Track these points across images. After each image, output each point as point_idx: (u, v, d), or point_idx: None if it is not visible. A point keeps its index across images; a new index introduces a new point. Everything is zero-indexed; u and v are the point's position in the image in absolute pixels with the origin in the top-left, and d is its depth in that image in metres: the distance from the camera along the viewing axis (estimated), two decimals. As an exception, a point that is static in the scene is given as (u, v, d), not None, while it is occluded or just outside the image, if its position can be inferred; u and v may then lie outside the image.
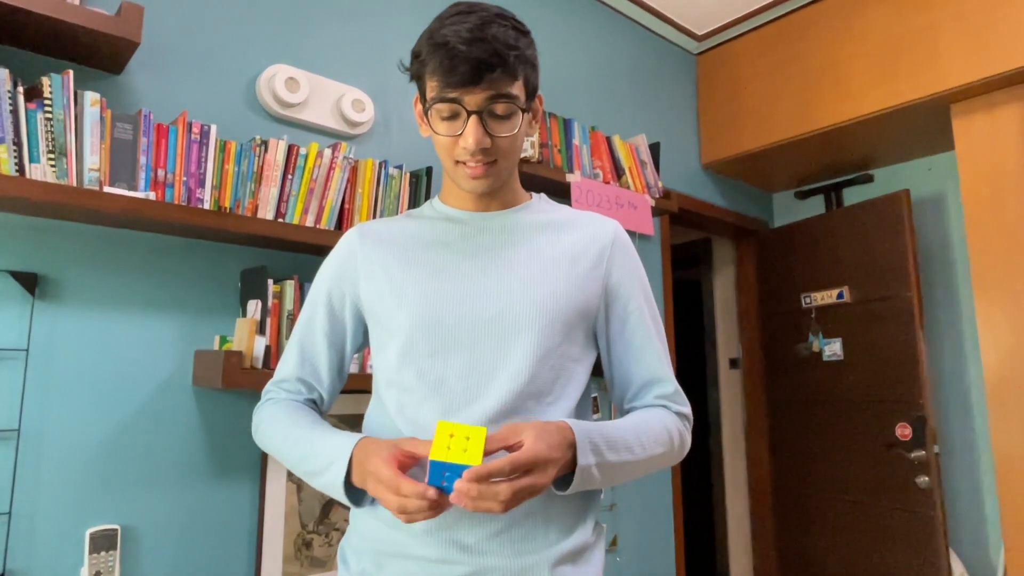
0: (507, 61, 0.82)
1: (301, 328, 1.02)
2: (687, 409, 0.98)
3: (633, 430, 0.88)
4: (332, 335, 1.01)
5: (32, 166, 1.22)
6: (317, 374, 1.01)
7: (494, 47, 0.81)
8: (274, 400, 1.00)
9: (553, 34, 2.47)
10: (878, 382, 2.69)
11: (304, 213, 1.57)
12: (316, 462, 0.87)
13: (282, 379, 1.02)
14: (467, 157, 0.87)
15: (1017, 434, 2.14)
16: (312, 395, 1.02)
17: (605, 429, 0.85)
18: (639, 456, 0.86)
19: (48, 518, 1.30)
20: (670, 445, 0.92)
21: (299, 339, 1.02)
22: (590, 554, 0.91)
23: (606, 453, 0.82)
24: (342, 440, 0.85)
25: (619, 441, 0.85)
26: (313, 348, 1.01)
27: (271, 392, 1.02)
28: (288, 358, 1.02)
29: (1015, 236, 2.20)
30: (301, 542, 1.59)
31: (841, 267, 2.87)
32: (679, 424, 0.95)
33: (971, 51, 2.23)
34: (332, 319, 1.00)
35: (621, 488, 2.41)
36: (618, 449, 0.84)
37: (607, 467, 0.83)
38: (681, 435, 0.95)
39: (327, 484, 0.85)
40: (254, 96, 1.67)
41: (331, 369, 1.02)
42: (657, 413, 0.94)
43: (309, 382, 1.01)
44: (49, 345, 1.33)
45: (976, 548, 2.65)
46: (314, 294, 1.02)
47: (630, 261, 0.99)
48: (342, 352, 1.02)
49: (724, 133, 2.97)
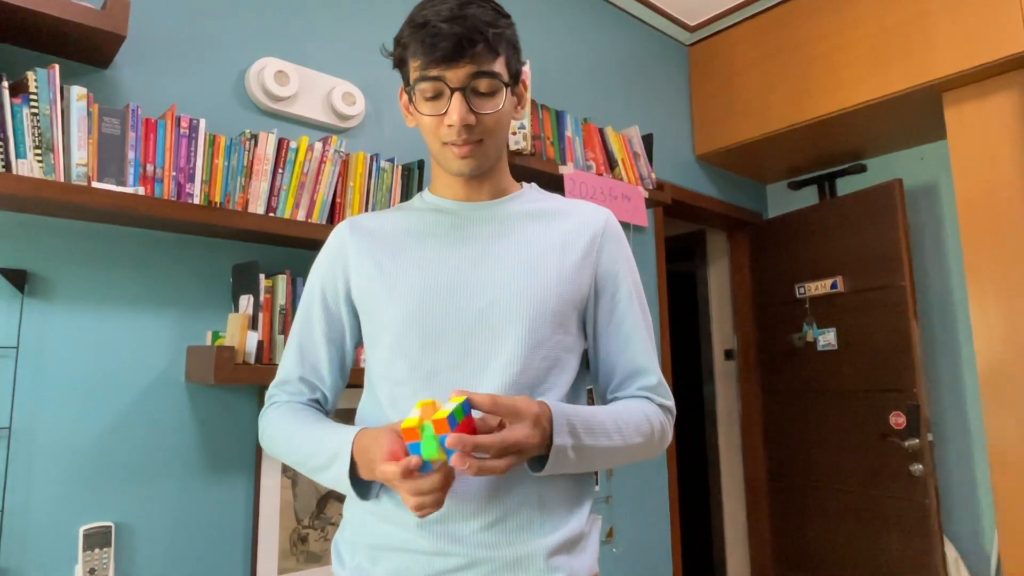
0: (488, 37, 0.83)
1: (298, 327, 1.01)
2: (670, 402, 0.98)
3: (612, 417, 0.88)
4: (330, 331, 1.00)
5: (19, 162, 1.21)
6: (318, 372, 1.00)
7: (474, 23, 0.83)
8: (277, 404, 1.00)
9: (545, 25, 2.46)
10: (872, 371, 2.70)
11: (295, 207, 1.56)
12: (320, 458, 0.87)
13: (284, 380, 1.01)
14: (453, 136, 0.87)
15: (1011, 421, 2.15)
16: (315, 395, 1.01)
17: (584, 413, 0.85)
18: (616, 443, 0.87)
19: (41, 516, 1.29)
20: (650, 436, 0.91)
21: (297, 338, 1.01)
22: (585, 543, 0.91)
23: (583, 436, 0.83)
24: (343, 435, 0.86)
25: (597, 426, 0.85)
26: (312, 346, 1.00)
27: (274, 396, 1.02)
28: (288, 358, 1.01)
29: (1008, 224, 2.21)
30: (296, 537, 1.58)
31: (835, 257, 2.88)
32: (661, 416, 0.95)
33: (963, 39, 2.23)
34: (328, 315, 0.99)
35: (617, 480, 2.41)
36: (595, 434, 0.84)
37: (583, 450, 0.83)
38: (663, 427, 0.94)
39: (334, 479, 0.86)
40: (243, 90, 1.66)
41: (332, 366, 1.01)
42: (639, 403, 0.93)
43: (311, 381, 1.00)
44: (39, 342, 1.32)
45: (970, 535, 2.67)
46: (309, 291, 1.01)
47: (621, 250, 0.98)
48: (342, 348, 1.01)
49: (717, 124, 2.97)
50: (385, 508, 0.88)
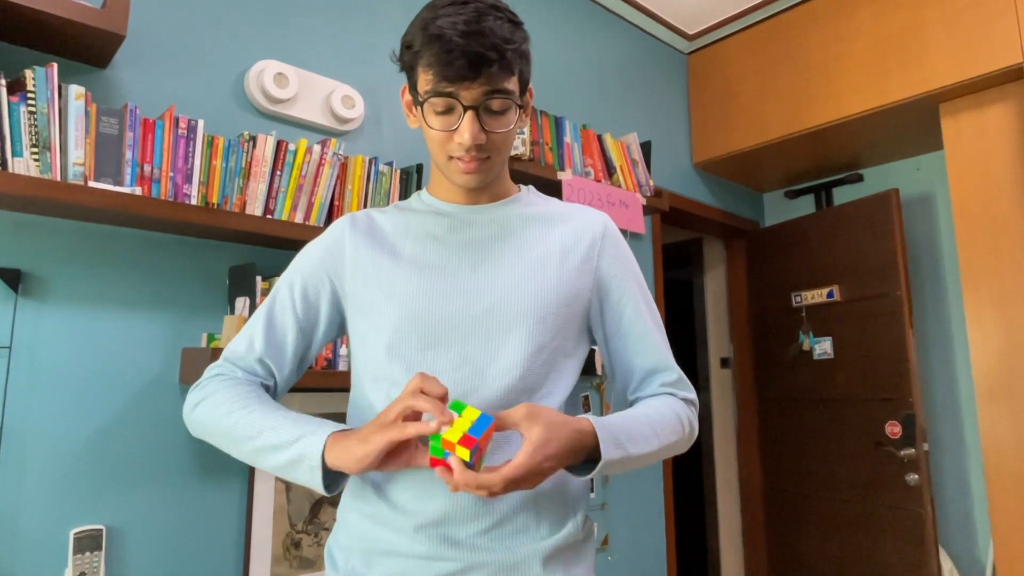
0: (504, 56, 0.81)
1: (269, 304, 0.95)
2: (693, 395, 0.99)
3: (648, 421, 0.88)
4: (304, 321, 0.95)
5: (15, 160, 1.21)
6: (280, 358, 0.93)
7: (491, 41, 0.80)
8: (226, 376, 0.91)
9: (545, 32, 2.47)
10: (868, 380, 2.70)
11: (293, 210, 1.55)
12: (282, 433, 0.80)
13: (240, 356, 0.93)
14: (462, 153, 0.86)
15: (1006, 431, 2.15)
16: (268, 381, 0.94)
17: (625, 424, 0.85)
18: (654, 447, 0.87)
19: (31, 518, 1.27)
20: (681, 432, 0.92)
21: (265, 316, 0.94)
22: (581, 548, 0.91)
23: (628, 447, 0.83)
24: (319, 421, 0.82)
25: (639, 435, 0.85)
26: (282, 329, 0.94)
27: (221, 368, 0.93)
28: (252, 335, 0.93)
29: (1003, 234, 2.22)
30: (290, 542, 1.57)
31: (831, 266, 2.88)
32: (687, 411, 0.96)
33: (959, 51, 2.24)
34: (306, 305, 0.95)
35: (613, 487, 2.40)
36: (638, 442, 0.84)
37: (629, 460, 0.83)
38: (691, 421, 0.95)
39: (292, 458, 0.79)
40: (242, 91, 1.66)
41: (295, 356, 0.95)
42: (666, 401, 0.94)
43: (269, 365, 0.93)
44: (32, 342, 1.31)
45: (965, 545, 2.66)
46: (290, 276, 0.96)
47: (621, 253, 0.98)
48: (310, 341, 0.96)
49: (715, 132, 2.98)
50: (381, 512, 0.87)
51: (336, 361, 1.57)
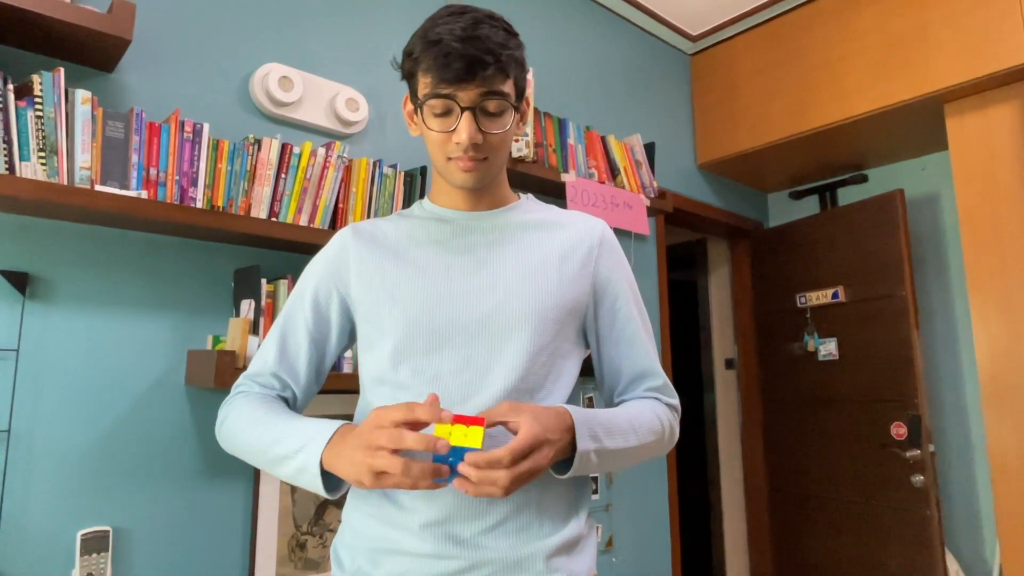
0: (500, 59, 0.85)
1: (283, 322, 0.99)
2: (676, 401, 1.02)
3: (627, 418, 0.91)
4: (316, 332, 0.99)
5: (22, 164, 1.21)
6: (295, 370, 0.98)
7: (487, 45, 0.84)
8: (245, 393, 0.96)
9: (548, 34, 2.47)
10: (873, 382, 2.69)
11: (298, 212, 1.56)
12: (288, 444, 0.83)
13: (257, 373, 0.98)
14: (459, 153, 0.89)
15: (1012, 432, 2.14)
16: (285, 393, 0.99)
17: (602, 416, 0.88)
18: (632, 443, 0.89)
19: (39, 520, 1.28)
20: (661, 434, 0.95)
21: (279, 332, 0.99)
22: (583, 545, 0.93)
23: (604, 439, 0.85)
24: (322, 423, 0.83)
25: (616, 428, 0.88)
26: (294, 343, 0.98)
27: (243, 385, 0.99)
28: (266, 352, 0.99)
29: (1008, 235, 2.21)
30: (295, 543, 1.58)
31: (836, 267, 2.88)
32: (669, 415, 0.99)
33: (964, 51, 2.24)
34: (317, 316, 0.99)
35: (617, 488, 2.40)
36: (615, 436, 0.87)
37: (605, 453, 0.85)
38: (671, 425, 0.99)
39: (298, 467, 0.81)
40: (247, 95, 1.67)
41: (310, 367, 0.99)
42: (649, 403, 0.97)
43: (284, 379, 0.98)
44: (40, 345, 1.32)
45: (972, 547, 2.65)
46: (300, 289, 1.00)
47: (617, 259, 1.01)
48: (323, 351, 1.00)
49: (719, 133, 2.98)
50: (386, 511, 0.89)
51: (340, 363, 1.57)
